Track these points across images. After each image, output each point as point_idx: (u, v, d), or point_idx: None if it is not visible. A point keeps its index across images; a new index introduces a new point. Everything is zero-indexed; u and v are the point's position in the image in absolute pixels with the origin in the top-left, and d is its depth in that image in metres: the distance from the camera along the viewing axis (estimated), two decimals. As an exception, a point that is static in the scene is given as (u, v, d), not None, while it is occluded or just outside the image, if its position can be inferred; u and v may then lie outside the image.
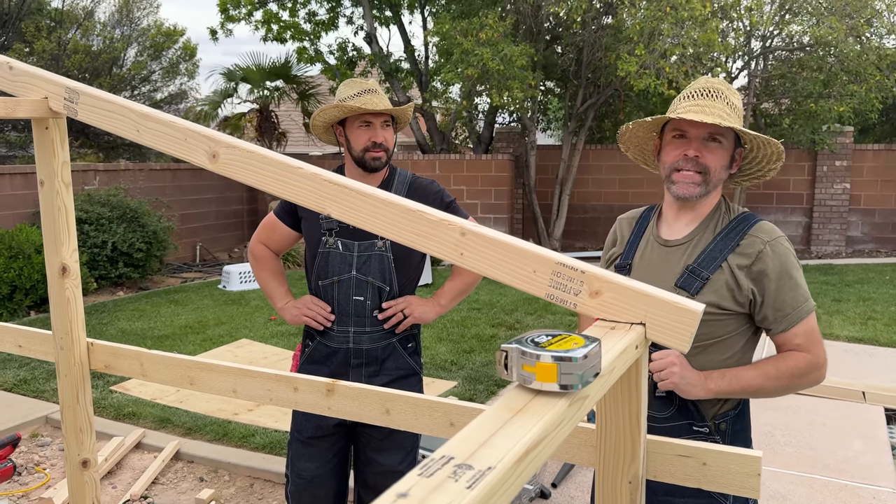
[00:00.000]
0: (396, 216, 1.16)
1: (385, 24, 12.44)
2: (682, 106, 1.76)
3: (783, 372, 1.70)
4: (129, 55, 13.42)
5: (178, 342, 6.40)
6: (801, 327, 1.71)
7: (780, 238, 1.74)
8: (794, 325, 1.70)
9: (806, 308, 1.71)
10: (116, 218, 8.56)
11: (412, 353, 2.34)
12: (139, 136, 1.39)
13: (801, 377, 1.71)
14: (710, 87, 1.76)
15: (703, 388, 1.69)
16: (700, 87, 1.78)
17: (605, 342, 0.94)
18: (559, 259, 1.06)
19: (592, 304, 1.03)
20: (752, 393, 1.72)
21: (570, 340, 0.78)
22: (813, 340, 1.71)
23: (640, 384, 1.02)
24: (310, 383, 1.34)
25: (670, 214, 1.86)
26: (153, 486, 3.96)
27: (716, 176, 1.76)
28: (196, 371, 1.47)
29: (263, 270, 2.41)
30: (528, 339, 0.78)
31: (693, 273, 1.74)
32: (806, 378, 1.71)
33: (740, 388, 1.70)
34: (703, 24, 9.23)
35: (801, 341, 1.71)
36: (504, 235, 1.11)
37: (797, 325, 1.70)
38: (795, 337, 1.71)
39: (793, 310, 1.70)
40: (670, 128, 1.80)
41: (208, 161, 1.32)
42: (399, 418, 1.25)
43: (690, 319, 0.97)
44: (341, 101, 2.24)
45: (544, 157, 12.20)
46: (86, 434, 1.63)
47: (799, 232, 11.68)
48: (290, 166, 1.23)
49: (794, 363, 1.70)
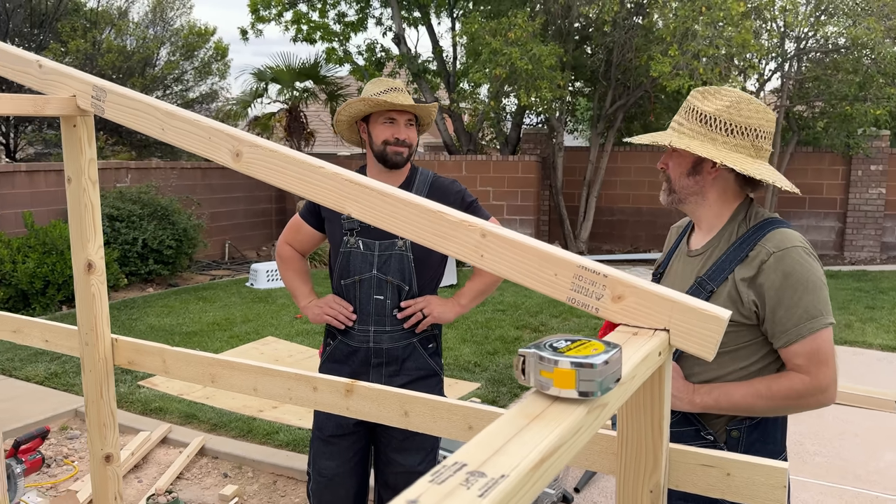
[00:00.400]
0: (416, 217, 1.15)
1: (413, 24, 12.46)
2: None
3: (776, 393, 1.61)
4: (161, 55, 13.61)
5: (205, 339, 6.47)
6: (802, 346, 1.60)
7: (791, 248, 1.64)
8: (794, 342, 1.60)
9: (810, 326, 1.59)
10: (147, 215, 8.68)
11: (433, 353, 2.33)
12: (164, 135, 1.40)
13: (796, 400, 1.61)
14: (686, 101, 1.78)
15: (689, 401, 1.65)
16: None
17: (626, 348, 0.92)
18: (581, 262, 1.04)
19: (615, 308, 1.01)
20: (743, 411, 1.66)
21: (589, 346, 0.76)
22: (816, 362, 1.59)
23: (662, 391, 1.00)
24: (329, 383, 1.33)
25: (697, 224, 1.86)
26: (178, 481, 4.00)
27: (676, 183, 1.77)
28: (217, 369, 1.48)
29: (289, 270, 2.43)
30: (547, 343, 0.76)
31: (700, 285, 1.71)
32: (803, 401, 1.61)
33: (729, 404, 1.64)
34: (738, 24, 9.10)
35: (801, 362, 1.60)
36: (525, 237, 1.09)
37: (797, 344, 1.60)
38: (796, 356, 1.61)
39: (793, 326, 1.60)
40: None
41: (232, 160, 1.32)
42: (417, 420, 1.24)
43: (716, 326, 0.95)
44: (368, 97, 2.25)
45: (572, 158, 12.12)
46: (109, 429, 1.64)
47: (832, 237, 11.46)
48: (311, 165, 1.23)
49: (789, 385, 1.61)
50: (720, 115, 1.69)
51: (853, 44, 10.15)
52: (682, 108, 1.77)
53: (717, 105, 1.71)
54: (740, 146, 1.70)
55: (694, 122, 1.72)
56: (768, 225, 1.71)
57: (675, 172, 1.77)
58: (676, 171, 1.77)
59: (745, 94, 1.73)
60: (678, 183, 1.77)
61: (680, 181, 1.77)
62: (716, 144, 1.69)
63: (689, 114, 1.74)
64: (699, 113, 1.72)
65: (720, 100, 1.72)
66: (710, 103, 1.72)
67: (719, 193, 1.77)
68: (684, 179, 1.76)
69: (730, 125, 1.69)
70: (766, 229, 1.70)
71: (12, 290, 7.15)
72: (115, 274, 8.06)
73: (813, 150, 11.32)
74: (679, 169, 1.77)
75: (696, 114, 1.72)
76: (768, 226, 1.71)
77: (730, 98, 1.71)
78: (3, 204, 8.11)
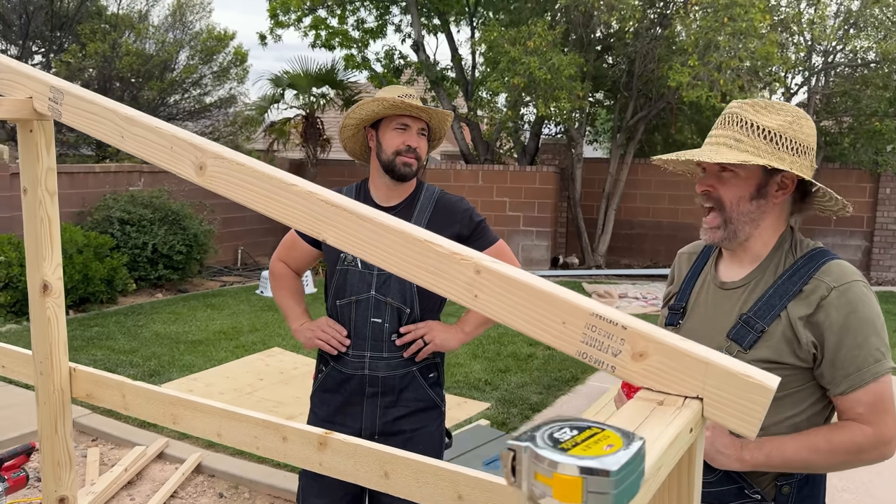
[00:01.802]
0: (401, 246, 0.97)
1: (433, 32, 12.33)
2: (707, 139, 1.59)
3: (836, 447, 1.44)
4: (180, 59, 13.58)
5: (210, 348, 6.33)
6: (864, 393, 1.43)
7: (852, 283, 1.47)
8: (856, 389, 1.43)
9: (875, 370, 1.43)
10: (158, 220, 8.58)
11: (433, 383, 2.14)
12: (123, 143, 1.23)
13: (857, 455, 1.44)
14: (729, 113, 1.56)
15: (737, 458, 1.45)
16: (723, 114, 1.58)
17: (651, 426, 0.73)
18: (596, 310, 0.85)
19: (636, 368, 0.83)
20: (798, 468, 1.47)
21: (602, 439, 0.58)
22: (881, 410, 1.43)
23: (692, 477, 0.81)
24: (301, 434, 1.16)
25: (727, 254, 1.64)
26: (171, 500, 3.83)
27: (735, 209, 1.53)
28: (179, 409, 1.30)
29: (281, 289, 2.26)
30: (546, 433, 0.58)
31: (747, 324, 1.50)
32: (864, 456, 1.44)
33: (782, 461, 1.44)
34: (762, 36, 8.86)
35: (863, 411, 1.43)
36: (528, 276, 0.91)
37: (859, 390, 1.43)
38: (857, 405, 1.44)
39: (856, 371, 1.43)
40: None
41: (195, 173, 1.15)
42: (399, 484, 1.06)
43: (761, 398, 0.76)
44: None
45: (591, 170, 11.90)
46: (64, 469, 1.47)
47: (858, 257, 11.14)
48: (282, 182, 1.05)
49: (851, 438, 1.43)
50: (786, 132, 1.51)
51: (883, 58, 9.87)
52: (729, 120, 1.54)
53: (779, 120, 1.52)
54: (804, 166, 1.53)
55: (757, 139, 1.51)
56: (821, 255, 1.52)
57: (732, 196, 1.52)
58: (734, 194, 1.52)
59: (799, 108, 1.55)
60: (737, 209, 1.53)
61: (740, 207, 1.53)
62: (783, 164, 1.50)
63: (746, 129, 1.52)
64: (761, 129, 1.51)
65: (780, 115, 1.53)
66: (771, 118, 1.52)
67: (774, 219, 1.57)
68: (745, 205, 1.53)
69: (796, 143, 1.51)
70: (820, 261, 1.50)
71: (19, 294, 7.06)
72: (123, 279, 7.96)
73: (840, 166, 11.02)
74: (739, 192, 1.52)
75: (756, 129, 1.51)
76: (821, 256, 1.52)
77: (790, 113, 1.53)
78: (16, 206, 8.04)
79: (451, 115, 2.17)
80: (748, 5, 8.73)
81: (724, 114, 1.57)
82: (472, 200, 10.91)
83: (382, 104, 2.04)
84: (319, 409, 2.16)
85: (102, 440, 4.51)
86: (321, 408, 2.15)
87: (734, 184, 1.53)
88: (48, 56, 13.05)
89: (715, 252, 1.70)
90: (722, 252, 1.67)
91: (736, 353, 1.50)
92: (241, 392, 5.25)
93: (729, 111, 1.56)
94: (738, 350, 1.50)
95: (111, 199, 8.72)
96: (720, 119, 1.58)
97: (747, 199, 1.53)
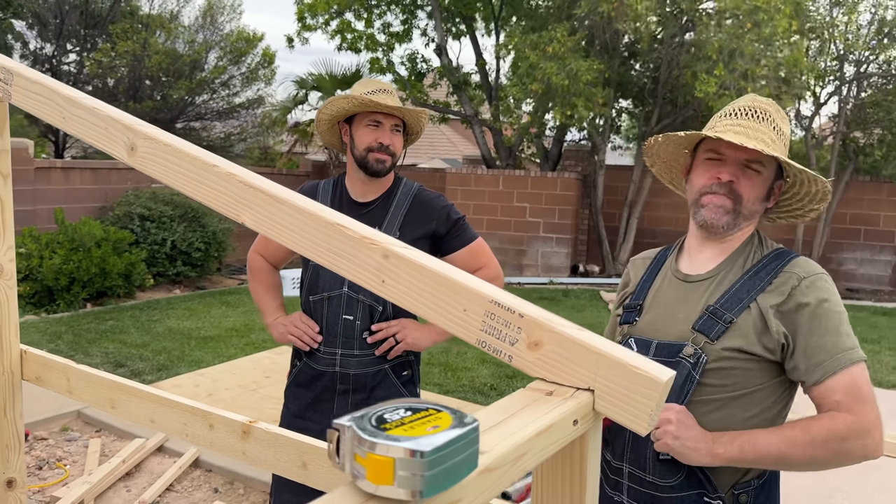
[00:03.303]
0: (313, 229, 0.95)
1: (457, 37, 12.32)
2: (722, 124, 1.53)
3: (815, 436, 1.35)
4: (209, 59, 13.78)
5: (221, 344, 6.38)
6: (840, 379, 1.37)
7: (821, 275, 1.45)
8: (832, 375, 1.38)
9: (849, 357, 1.38)
10: (178, 217, 8.69)
11: (407, 382, 2.11)
12: (65, 124, 1.23)
13: (839, 443, 1.35)
14: (756, 107, 1.52)
15: (709, 452, 1.38)
16: (745, 104, 1.53)
17: (524, 415, 0.70)
18: (495, 296, 0.82)
19: (531, 358, 0.79)
20: (771, 463, 1.39)
21: (431, 420, 0.55)
22: (857, 398, 1.36)
23: (584, 471, 0.77)
24: (226, 422, 1.14)
25: (693, 245, 1.60)
26: (167, 493, 3.85)
27: (749, 207, 1.50)
28: (118, 394, 1.30)
29: (257, 283, 2.25)
30: (376, 414, 0.55)
31: (714, 315, 1.46)
32: (847, 446, 1.35)
33: (755, 455, 1.37)
34: (790, 43, 8.70)
35: (840, 398, 1.37)
36: (434, 261, 0.88)
37: (835, 376, 1.37)
38: (834, 392, 1.37)
39: (830, 357, 1.38)
40: (705, 147, 1.56)
41: (127, 154, 1.14)
42: (316, 475, 1.04)
43: (651, 391, 0.72)
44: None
45: (614, 177, 11.77)
46: (13, 451, 1.47)
47: (888, 272, 10.85)
48: (204, 163, 1.04)
49: (830, 426, 1.35)
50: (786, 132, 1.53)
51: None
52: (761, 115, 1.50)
53: (786, 126, 1.53)
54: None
55: (780, 142, 1.50)
56: (787, 253, 1.51)
57: (752, 193, 1.50)
58: (753, 192, 1.50)
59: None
60: (751, 205, 1.51)
61: (754, 205, 1.51)
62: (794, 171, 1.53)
63: (773, 130, 1.49)
64: (780, 132, 1.50)
65: (784, 121, 1.53)
66: (782, 122, 1.53)
67: (756, 220, 1.57)
68: (757, 204, 1.52)
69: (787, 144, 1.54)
70: (787, 257, 1.50)
71: (38, 286, 7.19)
72: (141, 275, 8.06)
73: (871, 179, 10.76)
74: (757, 190, 1.51)
75: (779, 133, 1.50)
76: (787, 254, 1.51)
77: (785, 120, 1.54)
78: (39, 200, 8.21)
79: (424, 112, 2.14)
80: (773, 11, 8.58)
81: (752, 106, 1.52)
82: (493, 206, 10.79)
83: (352, 102, 2.02)
84: (291, 405, 2.15)
85: (105, 431, 4.56)
86: (293, 403, 2.14)
87: (756, 181, 1.50)
88: (82, 55, 13.32)
89: (675, 250, 1.65)
90: (683, 247, 1.64)
91: (703, 343, 1.46)
92: (247, 388, 5.27)
93: (759, 107, 1.52)
94: (704, 341, 1.46)
95: (133, 195, 8.85)
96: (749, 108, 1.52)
97: (761, 199, 1.52)
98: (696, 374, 1.44)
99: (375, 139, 2.06)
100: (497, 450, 0.61)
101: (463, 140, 20.29)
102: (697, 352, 1.45)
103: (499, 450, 0.61)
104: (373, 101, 2.02)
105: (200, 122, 14.13)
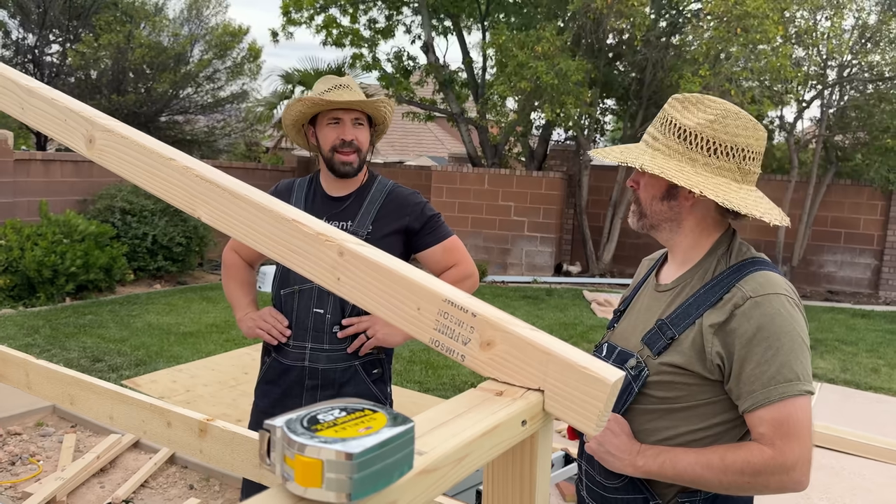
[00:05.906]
0: (269, 225, 0.94)
1: (443, 34, 12.31)
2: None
3: (729, 465, 1.33)
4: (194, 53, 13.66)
5: (200, 340, 6.33)
6: (769, 412, 1.32)
7: (773, 295, 1.37)
8: (761, 406, 1.32)
9: (782, 390, 1.31)
10: (159, 211, 8.62)
11: (377, 380, 2.10)
12: (24, 115, 1.21)
13: (752, 477, 1.32)
14: (663, 109, 1.52)
15: (630, 463, 1.39)
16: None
17: (470, 416, 0.69)
18: (449, 296, 0.81)
19: (483, 358, 0.79)
20: (689, 482, 1.38)
21: (365, 421, 0.54)
22: (784, 434, 1.31)
23: (533, 472, 0.76)
24: (184, 420, 1.12)
25: (670, 254, 1.60)
26: (141, 489, 3.82)
27: (648, 207, 1.51)
28: (76, 390, 1.28)
29: (230, 279, 2.23)
30: (309, 414, 0.54)
31: (661, 329, 1.45)
32: (761, 480, 1.32)
33: (674, 473, 1.37)
34: (775, 49, 8.76)
35: (765, 430, 1.32)
36: (390, 259, 0.87)
37: (763, 409, 1.32)
38: (760, 424, 1.33)
39: (762, 388, 1.32)
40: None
41: (85, 147, 1.12)
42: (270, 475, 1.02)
43: (599, 392, 0.71)
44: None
45: (599, 177, 11.81)
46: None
47: (867, 275, 10.97)
48: (161, 157, 1.02)
49: (746, 458, 1.32)
50: (703, 132, 1.42)
51: (899, 74, 9.73)
52: (659, 117, 1.50)
53: (699, 118, 1.43)
54: (724, 168, 1.43)
55: (671, 138, 1.44)
56: (750, 265, 1.44)
57: (647, 195, 1.51)
58: (648, 193, 1.51)
59: (732, 105, 1.45)
60: (650, 207, 1.51)
61: (652, 206, 1.51)
62: (695, 166, 1.42)
63: (665, 126, 1.46)
64: (677, 127, 1.44)
65: (703, 112, 1.44)
66: (692, 115, 1.44)
67: (697, 222, 1.50)
68: (657, 204, 1.50)
69: (713, 144, 1.42)
70: (746, 270, 1.42)
71: (18, 278, 7.10)
72: (122, 268, 7.99)
73: (851, 182, 10.87)
74: (651, 192, 1.50)
75: (673, 127, 1.44)
76: (749, 266, 1.43)
77: (714, 111, 1.43)
78: (19, 192, 8.11)
79: (382, 101, 2.11)
80: (762, 17, 8.64)
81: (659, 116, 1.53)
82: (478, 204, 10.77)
83: (306, 104, 2.01)
84: (260, 401, 2.14)
85: (81, 427, 4.51)
86: (262, 399, 2.13)
87: (647, 183, 1.51)
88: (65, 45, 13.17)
89: (664, 255, 1.66)
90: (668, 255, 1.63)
91: (646, 357, 1.45)
92: (225, 385, 5.24)
93: (664, 107, 1.51)
94: (647, 355, 1.45)
95: (114, 188, 8.77)
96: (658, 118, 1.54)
97: (658, 199, 1.50)
98: (636, 386, 1.44)
99: (338, 136, 2.05)
100: (438, 450, 0.60)
101: (450, 138, 20.27)
102: (640, 364, 1.45)
103: (440, 450, 0.60)
104: (324, 99, 2.00)
105: (184, 115, 14.01)
